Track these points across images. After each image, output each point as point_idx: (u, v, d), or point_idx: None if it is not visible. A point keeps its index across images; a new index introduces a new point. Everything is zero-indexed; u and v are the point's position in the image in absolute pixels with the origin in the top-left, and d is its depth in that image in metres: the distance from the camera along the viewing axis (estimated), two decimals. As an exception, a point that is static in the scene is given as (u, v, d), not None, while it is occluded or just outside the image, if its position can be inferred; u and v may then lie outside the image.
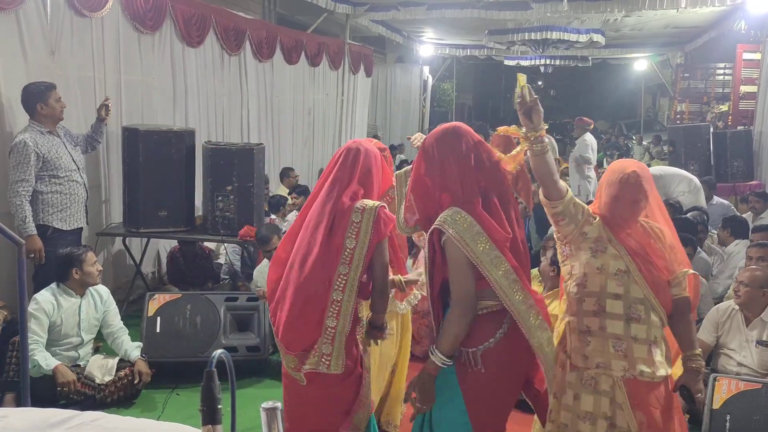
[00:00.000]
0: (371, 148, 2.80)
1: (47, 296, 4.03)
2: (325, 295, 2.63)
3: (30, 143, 4.40)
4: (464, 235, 2.28)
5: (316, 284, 2.64)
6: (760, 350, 3.77)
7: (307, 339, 2.64)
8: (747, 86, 10.82)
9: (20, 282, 2.49)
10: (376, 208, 2.64)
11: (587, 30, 12.11)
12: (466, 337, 2.35)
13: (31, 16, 4.85)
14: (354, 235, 2.62)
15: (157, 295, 4.60)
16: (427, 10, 9.97)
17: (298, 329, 2.66)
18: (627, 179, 2.48)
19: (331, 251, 2.63)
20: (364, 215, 2.62)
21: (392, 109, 15.98)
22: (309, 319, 2.64)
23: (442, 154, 2.38)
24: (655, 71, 17.92)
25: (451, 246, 2.30)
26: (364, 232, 2.62)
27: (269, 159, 8.27)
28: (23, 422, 1.38)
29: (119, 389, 4.06)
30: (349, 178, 2.69)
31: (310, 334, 2.64)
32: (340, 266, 2.62)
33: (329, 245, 2.64)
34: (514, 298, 2.31)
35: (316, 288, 2.64)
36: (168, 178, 5.42)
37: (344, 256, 2.62)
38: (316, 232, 2.67)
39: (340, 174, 2.71)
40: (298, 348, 2.65)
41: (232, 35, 7.50)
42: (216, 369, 1.39)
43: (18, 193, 4.37)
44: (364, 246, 2.62)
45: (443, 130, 2.44)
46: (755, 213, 6.94)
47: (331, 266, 2.63)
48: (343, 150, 2.77)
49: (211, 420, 1.31)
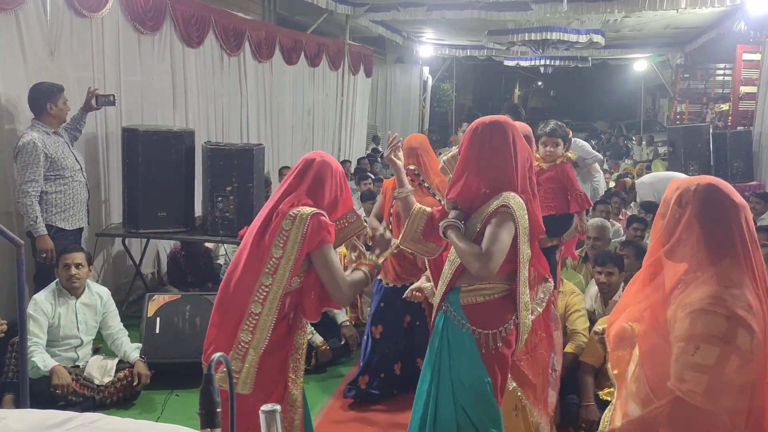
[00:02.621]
0: (332, 163, 2.62)
1: (46, 297, 4.03)
2: (243, 305, 2.43)
3: (39, 144, 4.41)
4: (520, 212, 2.55)
5: (236, 293, 2.46)
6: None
7: (219, 350, 2.37)
8: (747, 87, 10.81)
9: (19, 283, 2.49)
10: (308, 216, 2.41)
11: (587, 30, 12.11)
12: (487, 320, 2.60)
13: (30, 17, 4.84)
14: (282, 243, 2.41)
15: (157, 295, 4.60)
16: (427, 10, 9.97)
17: (211, 338, 2.50)
18: None
19: (257, 259, 2.45)
20: (294, 223, 2.40)
21: (392, 109, 16.00)
22: (223, 329, 2.47)
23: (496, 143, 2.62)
24: (655, 72, 17.93)
25: (508, 218, 2.52)
26: (292, 242, 2.40)
27: (269, 159, 8.27)
28: (22, 424, 1.37)
29: (118, 390, 4.05)
30: (297, 187, 2.53)
31: (222, 345, 2.41)
32: (263, 276, 2.41)
33: (257, 252, 2.46)
34: (523, 273, 2.61)
35: (235, 297, 2.46)
36: (167, 178, 5.41)
37: (268, 265, 2.41)
38: (248, 236, 2.53)
39: (292, 182, 2.55)
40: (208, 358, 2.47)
41: (231, 36, 7.50)
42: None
43: (28, 193, 4.38)
44: (291, 257, 2.40)
45: (501, 123, 2.66)
46: (756, 214, 6.94)
47: (254, 275, 2.43)
48: (302, 159, 2.61)
49: (210, 423, 1.30)
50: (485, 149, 2.61)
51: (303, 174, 2.55)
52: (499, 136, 2.62)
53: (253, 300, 2.41)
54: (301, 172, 2.56)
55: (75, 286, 4.09)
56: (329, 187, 2.56)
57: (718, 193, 1.91)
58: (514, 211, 2.52)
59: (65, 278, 4.07)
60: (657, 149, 15.57)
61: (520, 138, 2.69)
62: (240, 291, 2.46)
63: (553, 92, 33.95)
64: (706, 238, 1.88)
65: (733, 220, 1.88)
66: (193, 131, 5.82)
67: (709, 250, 1.87)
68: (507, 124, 2.67)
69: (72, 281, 4.07)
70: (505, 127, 2.65)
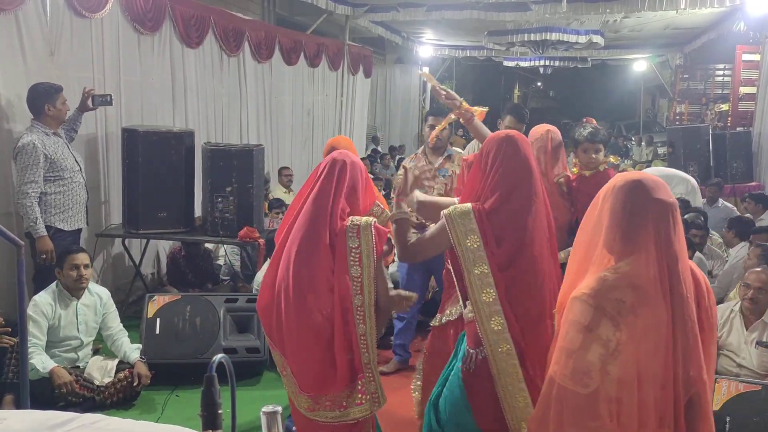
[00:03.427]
0: (357, 161, 2.64)
1: (45, 298, 4.03)
2: (345, 330, 2.46)
3: (39, 145, 4.41)
4: (457, 222, 2.38)
5: (327, 319, 2.46)
6: (760, 351, 3.77)
7: (343, 380, 2.46)
8: (746, 87, 10.82)
9: (19, 283, 2.48)
10: (370, 226, 2.48)
11: (586, 31, 12.12)
12: (474, 337, 2.41)
13: (30, 17, 4.84)
14: (356, 262, 2.45)
15: (157, 296, 4.59)
16: (426, 11, 9.96)
17: (322, 372, 2.47)
18: None
19: (328, 282, 2.45)
20: (361, 238, 2.45)
21: (391, 109, 15.99)
22: (339, 359, 2.47)
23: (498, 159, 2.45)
24: (655, 72, 17.93)
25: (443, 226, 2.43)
26: (366, 255, 2.45)
27: (268, 160, 8.27)
28: (22, 424, 1.37)
29: (119, 391, 4.05)
30: (334, 191, 2.52)
31: (343, 375, 2.46)
32: (355, 298, 2.45)
33: (329, 276, 2.46)
34: (479, 297, 2.36)
35: (327, 323, 2.46)
36: (167, 179, 5.41)
37: (355, 287, 2.44)
38: (310, 256, 2.46)
39: (325, 185, 2.53)
40: (332, 389, 2.46)
41: (231, 36, 7.50)
42: (216, 372, 1.38)
43: (28, 194, 4.38)
44: (371, 268, 2.46)
45: (512, 139, 2.48)
46: (754, 214, 6.92)
47: (343, 300, 2.45)
48: (329, 161, 2.59)
49: (212, 425, 1.30)
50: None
51: (338, 177, 2.54)
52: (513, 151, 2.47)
53: (357, 323, 2.44)
54: (334, 175, 2.54)
55: (83, 286, 4.10)
56: (360, 187, 2.59)
57: (640, 191, 1.92)
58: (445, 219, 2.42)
59: (73, 279, 4.05)
60: (656, 150, 15.58)
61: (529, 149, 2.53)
62: (328, 319, 2.45)
63: (552, 93, 33.93)
64: (621, 233, 1.92)
65: (650, 218, 1.90)
66: (192, 131, 5.82)
67: (623, 243, 1.91)
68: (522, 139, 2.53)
69: (81, 282, 4.07)
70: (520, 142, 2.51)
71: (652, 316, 1.87)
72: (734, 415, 3.25)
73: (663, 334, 1.86)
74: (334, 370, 2.45)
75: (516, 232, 2.38)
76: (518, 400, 2.36)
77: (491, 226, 2.36)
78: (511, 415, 2.38)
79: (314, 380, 2.46)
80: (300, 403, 2.51)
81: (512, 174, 2.41)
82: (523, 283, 2.38)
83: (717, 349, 3.92)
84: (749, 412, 3.24)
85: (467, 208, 2.39)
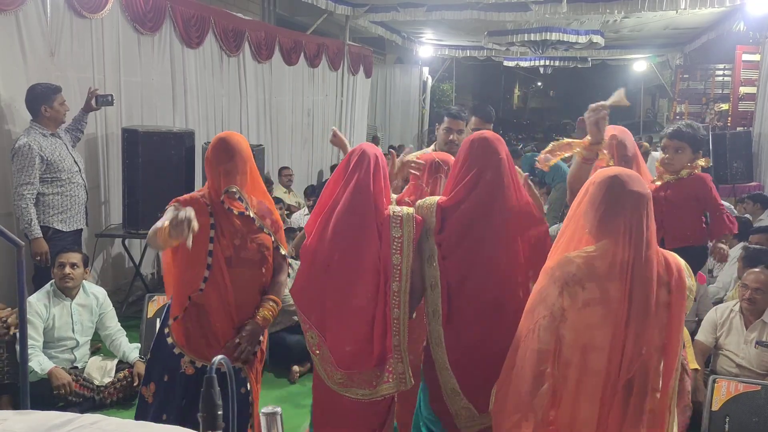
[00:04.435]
0: (380, 153, 2.75)
1: (40, 298, 4.02)
2: (384, 312, 2.59)
3: (34, 147, 4.41)
4: (423, 212, 2.63)
5: (364, 304, 2.60)
6: (760, 351, 3.77)
7: (371, 359, 2.60)
8: (746, 87, 10.81)
9: (20, 284, 2.48)
10: (412, 217, 2.60)
11: (586, 31, 12.11)
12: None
13: (30, 18, 4.85)
14: (398, 250, 2.59)
15: (157, 296, 4.58)
16: (426, 11, 9.96)
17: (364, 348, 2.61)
18: None
19: (374, 270, 2.60)
20: (403, 228, 2.59)
21: (391, 110, 15.98)
22: (374, 338, 2.60)
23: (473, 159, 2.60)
24: (655, 72, 17.93)
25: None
26: (407, 244, 2.59)
27: (269, 160, 8.27)
28: (23, 425, 1.37)
29: (118, 391, 4.06)
30: (372, 182, 2.63)
31: (369, 353, 2.60)
32: (393, 284, 2.59)
33: (374, 263, 2.60)
34: (427, 288, 2.61)
35: (371, 305, 2.60)
36: (167, 179, 5.41)
37: (394, 274, 2.58)
38: (358, 243, 2.60)
39: (363, 177, 2.63)
40: (365, 366, 2.60)
41: (231, 36, 7.51)
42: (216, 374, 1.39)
43: (23, 196, 4.38)
44: (409, 257, 2.59)
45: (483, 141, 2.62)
46: (752, 215, 6.92)
47: (385, 284, 2.60)
48: (358, 152, 2.69)
49: (212, 426, 1.31)
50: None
51: (374, 167, 2.65)
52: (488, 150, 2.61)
53: (392, 307, 2.58)
54: (369, 167, 2.65)
55: (68, 286, 4.07)
56: (386, 178, 2.72)
57: (617, 184, 2.10)
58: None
59: (59, 277, 4.05)
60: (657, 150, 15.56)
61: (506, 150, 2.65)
62: (371, 301, 2.60)
63: (552, 93, 33.94)
64: (598, 221, 2.11)
65: (626, 208, 2.07)
66: (193, 132, 5.82)
67: (599, 230, 2.11)
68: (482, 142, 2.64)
69: (65, 281, 4.04)
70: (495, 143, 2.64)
71: (599, 291, 2.05)
72: (733, 415, 3.25)
73: (613, 309, 2.04)
74: (370, 348, 2.59)
75: (462, 224, 2.55)
76: (448, 386, 2.58)
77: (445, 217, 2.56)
78: (448, 401, 2.60)
79: (352, 357, 2.60)
80: (335, 380, 2.63)
81: (477, 172, 2.55)
82: (460, 273, 2.56)
83: (716, 349, 3.96)
84: (748, 412, 3.25)
85: (433, 200, 2.63)
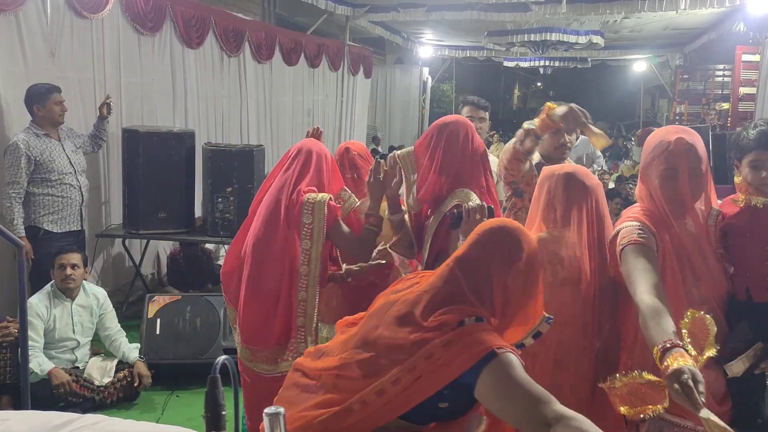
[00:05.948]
0: (323, 149, 2.90)
1: (40, 299, 4.03)
2: (287, 295, 2.72)
3: (22, 146, 4.40)
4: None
5: (272, 284, 2.73)
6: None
7: (272, 336, 2.73)
8: (746, 88, 10.81)
9: (20, 284, 2.49)
10: (324, 203, 2.70)
11: (586, 31, 12.12)
12: None
13: (31, 18, 4.85)
14: (308, 236, 2.71)
15: (157, 296, 4.60)
16: (426, 11, 9.96)
17: (257, 323, 2.75)
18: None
19: (285, 251, 2.71)
20: (314, 215, 2.69)
21: (392, 110, 15.99)
22: (277, 318, 2.73)
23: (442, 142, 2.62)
24: (654, 73, 17.93)
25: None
26: (317, 230, 2.70)
27: (269, 160, 8.26)
28: (24, 425, 1.37)
29: (118, 391, 4.06)
30: (300, 175, 2.77)
31: (271, 332, 2.73)
32: (301, 267, 2.71)
33: (284, 245, 2.72)
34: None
35: (273, 287, 2.73)
36: (168, 179, 5.41)
37: (303, 258, 2.70)
38: (269, 228, 2.74)
39: (294, 170, 2.79)
40: (266, 344, 2.73)
41: (231, 36, 7.50)
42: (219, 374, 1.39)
43: (8, 195, 4.38)
44: (320, 242, 2.71)
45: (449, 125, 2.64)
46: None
47: (288, 266, 2.71)
48: (296, 149, 2.87)
49: (216, 426, 1.31)
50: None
51: (304, 162, 2.81)
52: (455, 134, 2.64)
53: (299, 289, 2.70)
54: (300, 161, 2.81)
55: (70, 287, 4.08)
56: (326, 171, 2.84)
57: (573, 178, 2.40)
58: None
59: (60, 279, 4.06)
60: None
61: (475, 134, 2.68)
62: (277, 282, 2.72)
63: (552, 93, 33.91)
64: (561, 210, 2.38)
65: (576, 200, 2.37)
66: (193, 132, 5.82)
67: (562, 219, 2.38)
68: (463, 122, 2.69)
69: (67, 282, 4.06)
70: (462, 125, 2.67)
71: (576, 269, 2.30)
72: (734, 415, 3.24)
73: (583, 286, 2.28)
74: (272, 327, 2.73)
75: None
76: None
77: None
78: None
79: (255, 334, 2.75)
80: (243, 354, 2.79)
81: (446, 157, 2.59)
82: None
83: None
84: (749, 413, 3.24)
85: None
